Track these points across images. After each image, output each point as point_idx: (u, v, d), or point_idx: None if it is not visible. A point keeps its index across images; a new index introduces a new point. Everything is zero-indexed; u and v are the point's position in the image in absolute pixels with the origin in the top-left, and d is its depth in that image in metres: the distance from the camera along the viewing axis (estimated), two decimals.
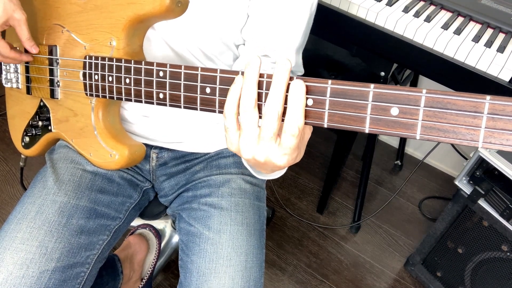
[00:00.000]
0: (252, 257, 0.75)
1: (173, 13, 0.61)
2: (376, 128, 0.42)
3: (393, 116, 0.41)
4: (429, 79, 1.08)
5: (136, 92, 0.61)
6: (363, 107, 0.42)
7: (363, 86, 0.42)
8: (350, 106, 0.43)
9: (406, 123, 0.41)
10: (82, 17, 0.69)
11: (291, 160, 0.49)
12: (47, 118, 0.78)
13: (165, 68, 0.56)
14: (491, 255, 1.16)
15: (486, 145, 0.38)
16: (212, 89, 0.52)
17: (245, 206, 0.80)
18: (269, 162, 0.49)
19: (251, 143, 0.48)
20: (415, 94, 0.40)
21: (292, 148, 0.47)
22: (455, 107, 0.38)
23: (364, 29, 1.06)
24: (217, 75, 0.51)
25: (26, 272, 0.67)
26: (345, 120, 0.44)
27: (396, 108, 0.41)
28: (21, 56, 0.74)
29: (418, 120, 0.40)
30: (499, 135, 0.37)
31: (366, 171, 1.58)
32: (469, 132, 0.38)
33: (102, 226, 0.78)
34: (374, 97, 0.42)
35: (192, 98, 0.54)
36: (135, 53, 0.66)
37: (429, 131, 0.40)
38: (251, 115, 0.47)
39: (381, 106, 0.42)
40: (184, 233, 0.81)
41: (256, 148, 0.48)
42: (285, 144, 0.46)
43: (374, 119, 0.42)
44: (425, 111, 0.39)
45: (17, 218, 0.72)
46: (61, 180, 0.77)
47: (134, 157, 0.71)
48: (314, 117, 0.45)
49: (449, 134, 0.39)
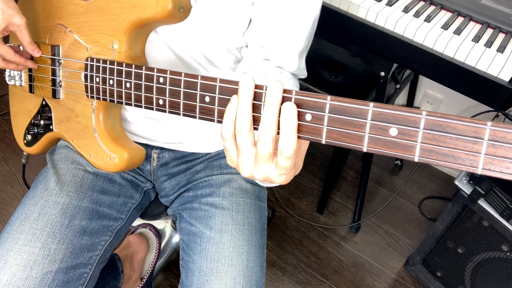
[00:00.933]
0: (254, 257, 0.75)
1: (175, 18, 0.61)
2: (374, 147, 0.42)
3: (392, 137, 0.40)
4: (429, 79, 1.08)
5: (136, 97, 0.61)
6: (362, 126, 0.42)
7: (362, 104, 0.41)
8: (348, 124, 0.43)
9: (405, 144, 0.40)
10: (85, 18, 0.69)
11: (289, 177, 0.49)
12: (49, 117, 0.79)
13: (165, 75, 0.56)
14: (491, 255, 1.16)
15: (486, 172, 0.37)
16: (211, 98, 0.51)
17: (246, 205, 0.80)
18: (268, 180, 0.49)
19: (249, 164, 0.48)
20: (415, 116, 0.39)
21: (288, 168, 0.47)
22: (455, 131, 0.37)
23: (364, 29, 1.06)
24: (217, 84, 0.50)
25: (29, 274, 0.67)
26: (343, 138, 0.43)
27: (395, 128, 0.40)
28: (26, 62, 0.73)
29: (417, 142, 0.39)
30: (499, 163, 0.36)
31: (366, 171, 1.58)
32: (469, 157, 0.37)
33: (104, 227, 0.78)
34: (373, 116, 0.41)
35: (192, 106, 0.54)
36: (137, 57, 0.66)
37: (428, 154, 0.39)
38: (246, 137, 0.47)
39: (380, 125, 0.41)
40: (185, 233, 0.81)
41: (253, 168, 0.48)
42: (281, 165, 0.46)
43: (373, 138, 0.42)
44: (425, 134, 0.39)
45: (20, 220, 0.72)
46: (63, 181, 0.77)
47: (133, 161, 0.70)
48: (312, 132, 0.45)
49: (448, 159, 0.38)
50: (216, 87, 0.51)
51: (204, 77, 0.52)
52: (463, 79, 0.98)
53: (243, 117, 0.46)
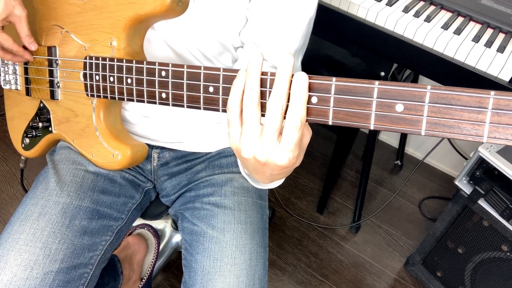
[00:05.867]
0: (256, 256, 0.75)
1: (174, 13, 0.61)
2: (381, 124, 0.42)
3: (398, 113, 0.41)
4: (429, 79, 1.08)
5: (138, 92, 0.61)
6: (368, 104, 0.43)
7: (368, 83, 0.42)
8: (354, 103, 0.43)
9: (411, 119, 0.41)
10: (81, 18, 0.69)
11: (293, 159, 0.48)
12: (47, 119, 0.78)
13: (167, 68, 0.56)
14: (491, 255, 1.16)
15: (491, 140, 0.38)
16: (215, 88, 0.52)
17: (248, 204, 0.80)
18: (270, 163, 0.48)
19: (253, 140, 0.47)
20: (420, 90, 0.40)
21: (295, 143, 0.46)
22: (459, 102, 0.38)
23: (364, 29, 1.06)
24: (220, 73, 0.51)
25: (30, 274, 0.67)
26: (350, 117, 0.44)
27: (401, 104, 0.41)
28: (24, 52, 0.73)
29: (423, 116, 0.40)
30: (504, 130, 0.37)
31: (366, 171, 1.58)
32: (474, 127, 0.38)
33: (104, 227, 0.78)
34: (379, 94, 0.42)
35: (195, 97, 0.54)
36: (136, 53, 0.66)
37: (434, 127, 0.40)
38: (253, 112, 0.47)
39: (385, 102, 0.42)
40: (187, 233, 0.81)
41: (257, 145, 0.47)
42: (287, 138, 0.46)
43: (379, 115, 0.42)
44: (430, 107, 0.40)
45: (20, 220, 0.72)
46: (63, 181, 0.77)
47: (136, 157, 0.70)
48: (319, 114, 0.45)
49: (454, 130, 0.39)
50: (220, 76, 0.51)
51: (207, 68, 0.52)
52: (463, 79, 0.98)
53: (251, 90, 0.46)
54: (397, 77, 1.42)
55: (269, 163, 0.48)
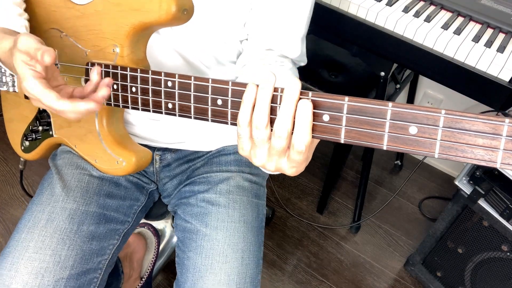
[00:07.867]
0: (249, 254, 0.75)
1: (179, 21, 0.59)
2: (394, 145, 0.42)
3: (412, 135, 0.41)
4: (429, 79, 1.08)
5: (144, 101, 0.60)
6: (381, 125, 0.42)
7: (381, 104, 0.42)
8: (367, 123, 0.43)
9: (425, 142, 0.41)
10: (81, 22, 0.67)
11: (300, 170, 0.51)
12: (48, 123, 0.77)
13: (173, 79, 0.55)
14: (491, 255, 1.16)
15: (504, 166, 0.38)
16: (223, 101, 0.51)
17: (242, 203, 0.80)
18: (279, 171, 0.51)
19: (262, 156, 0.50)
20: (433, 114, 0.40)
21: (300, 162, 0.48)
22: (474, 128, 0.38)
23: (364, 29, 1.06)
24: (229, 87, 0.50)
25: (41, 281, 0.67)
26: (363, 137, 0.44)
27: (414, 127, 0.41)
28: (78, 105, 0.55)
29: (436, 140, 0.40)
30: None
31: (366, 171, 1.58)
32: (488, 153, 0.38)
33: (112, 231, 0.78)
34: (392, 116, 0.42)
35: (203, 110, 0.53)
36: (140, 60, 0.64)
37: (448, 151, 0.40)
38: (262, 133, 0.48)
39: (399, 124, 0.42)
40: (180, 230, 0.82)
41: (266, 160, 0.50)
42: (293, 159, 0.48)
43: (392, 137, 0.42)
44: (444, 131, 0.40)
45: (28, 227, 0.72)
46: (69, 186, 0.76)
47: (141, 164, 0.70)
48: (330, 132, 0.45)
49: (468, 154, 0.39)
50: (229, 90, 0.50)
51: (215, 80, 0.51)
52: (463, 79, 0.98)
53: (261, 113, 0.47)
54: (397, 77, 1.42)
55: (279, 171, 0.51)
